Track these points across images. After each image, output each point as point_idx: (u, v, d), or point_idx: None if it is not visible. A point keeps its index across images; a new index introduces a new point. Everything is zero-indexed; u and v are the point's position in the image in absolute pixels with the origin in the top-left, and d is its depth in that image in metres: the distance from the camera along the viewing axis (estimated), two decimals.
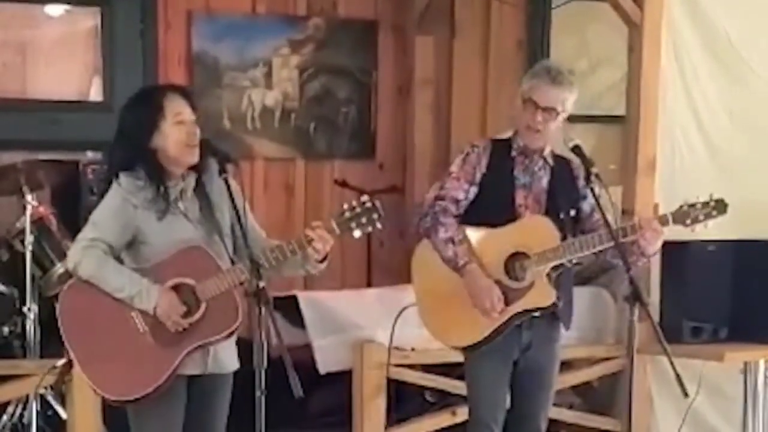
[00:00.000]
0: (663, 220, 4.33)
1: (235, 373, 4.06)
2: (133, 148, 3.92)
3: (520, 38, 7.44)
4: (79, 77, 7.02)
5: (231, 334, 3.90)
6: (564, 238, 4.40)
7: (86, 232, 3.91)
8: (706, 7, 6.07)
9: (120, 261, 3.93)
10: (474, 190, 4.50)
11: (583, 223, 4.51)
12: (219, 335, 3.89)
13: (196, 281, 3.87)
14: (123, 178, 3.91)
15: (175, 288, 3.88)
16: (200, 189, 3.99)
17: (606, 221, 4.25)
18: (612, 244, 4.26)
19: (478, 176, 4.49)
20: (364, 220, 3.91)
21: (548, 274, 4.40)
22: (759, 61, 6.14)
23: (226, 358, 4.01)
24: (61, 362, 3.77)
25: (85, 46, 6.99)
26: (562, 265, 4.42)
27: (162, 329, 3.85)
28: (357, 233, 3.92)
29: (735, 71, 6.13)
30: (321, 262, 3.99)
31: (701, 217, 4.32)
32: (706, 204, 4.32)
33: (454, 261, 4.43)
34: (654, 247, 4.35)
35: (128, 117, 3.97)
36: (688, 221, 4.33)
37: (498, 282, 4.41)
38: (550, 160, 4.51)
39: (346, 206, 3.93)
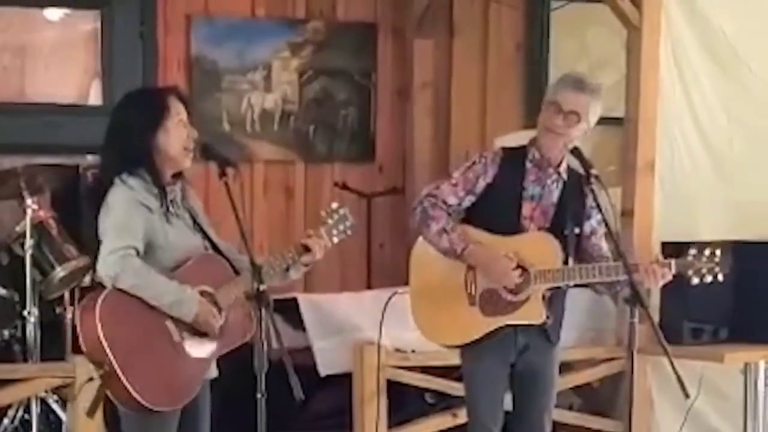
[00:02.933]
0: (665, 267, 4.33)
1: (236, 376, 4.06)
2: (134, 146, 3.86)
3: (519, 40, 7.45)
4: (79, 81, 7.02)
5: (247, 341, 3.91)
6: (566, 257, 4.40)
7: (114, 241, 3.77)
8: (704, 8, 6.07)
9: None
10: (471, 198, 4.48)
11: (581, 242, 4.51)
12: (238, 342, 3.89)
13: (214, 289, 3.88)
14: (131, 180, 3.85)
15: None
16: (185, 198, 4.00)
17: (622, 257, 4.24)
18: (612, 278, 4.28)
19: (481, 186, 4.46)
20: (341, 227, 4.08)
21: (543, 294, 4.41)
22: (757, 62, 6.14)
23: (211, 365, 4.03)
24: (99, 373, 3.59)
25: (84, 50, 6.99)
26: (558, 287, 4.43)
27: (193, 337, 3.84)
28: (336, 240, 4.07)
29: (733, 72, 6.14)
30: (306, 266, 4.07)
31: (704, 271, 4.34)
32: (711, 258, 4.33)
33: (452, 250, 4.40)
34: (654, 287, 4.40)
35: (130, 114, 3.91)
36: (690, 272, 4.34)
37: (494, 291, 4.41)
38: (564, 175, 4.49)
39: (324, 214, 4.07)
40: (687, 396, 4.04)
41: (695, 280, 4.36)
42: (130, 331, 3.76)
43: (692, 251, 4.35)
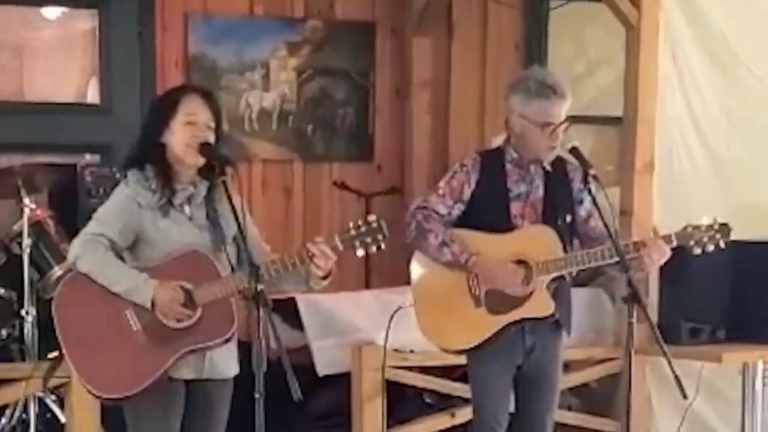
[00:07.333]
0: (667, 241, 4.32)
1: (235, 377, 4.06)
2: (143, 143, 3.98)
3: (518, 40, 7.45)
4: (77, 80, 7.01)
5: (226, 341, 3.89)
6: (564, 246, 4.40)
7: (89, 228, 3.92)
8: (703, 8, 6.08)
9: (122, 260, 3.91)
10: (460, 207, 4.48)
11: (578, 228, 4.50)
12: (212, 341, 3.87)
13: (193, 285, 3.86)
14: (131, 176, 3.94)
15: None
16: (210, 197, 4.00)
17: (612, 237, 4.22)
18: (615, 260, 4.25)
19: (467, 193, 4.47)
20: (368, 239, 3.93)
21: (547, 285, 4.40)
22: (756, 62, 6.15)
23: (222, 363, 4.00)
24: (53, 354, 3.73)
25: (82, 49, 6.99)
26: (562, 276, 4.42)
27: (155, 329, 3.83)
28: (360, 252, 3.94)
29: (732, 72, 6.14)
30: (324, 278, 3.98)
31: (705, 240, 4.32)
32: (710, 227, 4.32)
33: (456, 262, 4.40)
34: (656, 265, 4.36)
35: (148, 113, 4.10)
36: (692, 243, 4.33)
37: (497, 289, 4.41)
38: (547, 166, 4.49)
39: (352, 224, 3.93)
40: (685, 396, 4.03)
41: (697, 250, 4.34)
42: (86, 316, 3.85)
43: (689, 226, 4.34)
